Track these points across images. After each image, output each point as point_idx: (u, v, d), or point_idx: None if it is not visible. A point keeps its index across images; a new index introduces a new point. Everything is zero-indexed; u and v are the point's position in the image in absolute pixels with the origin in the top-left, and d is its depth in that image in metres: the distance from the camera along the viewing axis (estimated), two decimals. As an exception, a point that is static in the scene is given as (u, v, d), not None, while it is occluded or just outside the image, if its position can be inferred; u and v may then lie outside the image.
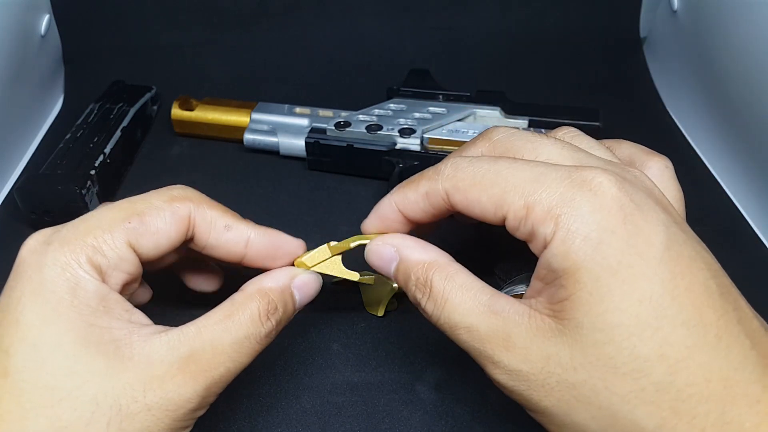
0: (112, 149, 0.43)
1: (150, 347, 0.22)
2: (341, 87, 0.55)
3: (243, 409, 0.30)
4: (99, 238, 0.23)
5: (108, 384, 0.21)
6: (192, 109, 0.48)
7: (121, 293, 0.24)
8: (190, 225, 0.26)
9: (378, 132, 0.44)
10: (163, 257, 0.27)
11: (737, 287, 0.22)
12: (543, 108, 0.46)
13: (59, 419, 0.21)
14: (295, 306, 0.27)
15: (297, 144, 0.45)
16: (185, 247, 0.28)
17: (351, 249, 0.29)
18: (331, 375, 0.32)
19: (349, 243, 0.28)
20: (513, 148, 0.25)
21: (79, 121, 0.45)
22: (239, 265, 0.29)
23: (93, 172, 0.40)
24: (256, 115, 0.47)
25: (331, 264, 0.29)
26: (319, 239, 0.30)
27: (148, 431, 0.22)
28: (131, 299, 0.25)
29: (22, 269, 0.23)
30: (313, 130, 0.45)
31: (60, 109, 0.53)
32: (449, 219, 0.27)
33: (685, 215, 0.29)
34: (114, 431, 0.21)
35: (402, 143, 0.43)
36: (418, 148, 0.43)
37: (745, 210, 0.43)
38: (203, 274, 0.32)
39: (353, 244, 0.28)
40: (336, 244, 0.29)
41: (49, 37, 0.52)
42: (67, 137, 0.43)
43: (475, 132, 0.44)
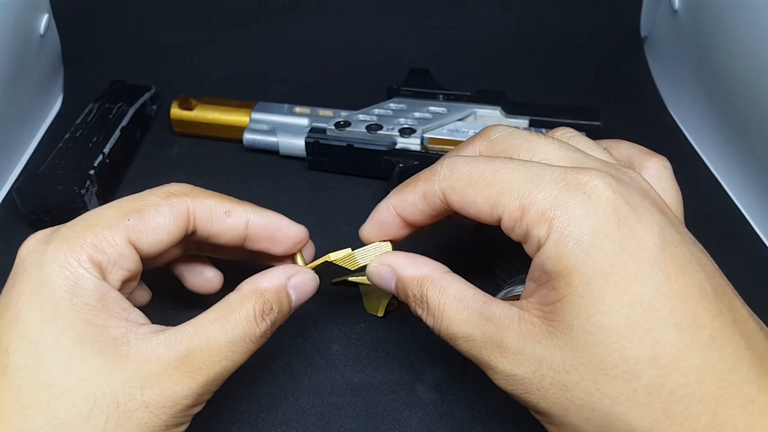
0: (111, 149, 0.43)
1: (147, 346, 0.22)
2: (341, 87, 0.55)
3: (243, 410, 0.30)
4: (99, 235, 0.24)
5: (105, 381, 0.21)
6: (191, 109, 0.48)
7: (121, 290, 0.24)
8: (189, 219, 0.26)
9: (378, 132, 0.43)
10: (163, 253, 0.27)
11: (738, 287, 0.22)
12: (543, 107, 0.45)
13: (56, 416, 0.21)
14: (291, 305, 0.27)
15: (297, 144, 0.45)
16: (186, 243, 0.28)
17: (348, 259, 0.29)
18: (331, 375, 0.32)
19: (345, 259, 0.29)
20: (510, 147, 0.25)
21: (78, 121, 0.45)
22: (242, 254, 0.29)
23: (92, 172, 0.40)
24: (255, 115, 0.47)
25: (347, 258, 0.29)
26: (319, 239, 0.30)
27: (145, 428, 0.22)
28: (130, 299, 0.25)
29: (22, 268, 0.23)
30: (313, 129, 0.45)
31: (59, 109, 0.53)
32: (448, 221, 0.28)
33: (684, 215, 0.29)
34: (111, 428, 0.21)
35: (402, 143, 0.43)
36: (418, 147, 0.43)
37: (746, 210, 0.43)
38: (202, 276, 0.32)
39: (341, 259, 0.29)
40: (336, 258, 0.29)
41: (48, 37, 0.51)
42: (66, 137, 0.43)
43: (475, 131, 0.43)
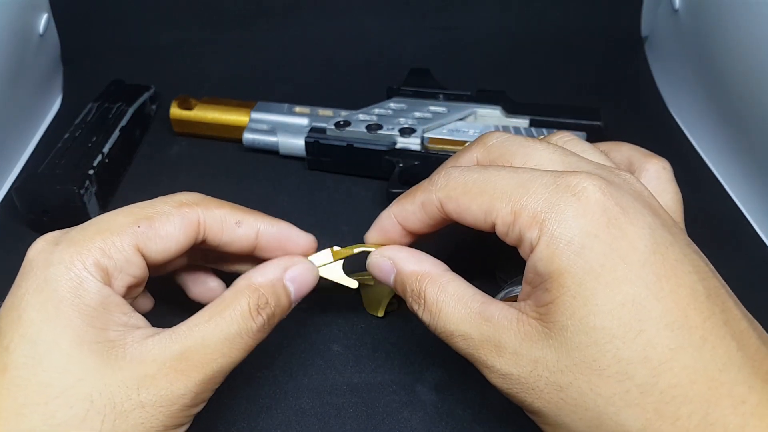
0: (110, 149, 0.43)
1: (143, 347, 0.23)
2: (341, 86, 0.55)
3: (243, 411, 0.30)
4: (107, 240, 0.24)
5: (102, 382, 0.22)
6: (191, 109, 0.48)
7: (125, 296, 0.24)
8: (199, 229, 0.26)
9: (378, 131, 0.43)
10: (170, 262, 0.27)
11: (739, 288, 0.22)
12: (544, 107, 0.45)
13: (54, 416, 0.21)
14: (291, 298, 0.27)
15: (297, 143, 0.45)
16: (192, 253, 0.29)
17: (353, 255, 0.29)
18: (331, 376, 0.32)
19: (352, 249, 0.29)
20: (507, 152, 0.26)
21: (78, 121, 0.45)
22: (246, 265, 0.29)
23: (91, 171, 0.40)
24: (255, 115, 0.47)
25: (332, 269, 0.29)
26: (319, 239, 0.30)
27: (142, 428, 0.22)
28: (133, 305, 0.25)
29: (29, 268, 0.23)
30: (313, 129, 0.45)
31: (58, 109, 0.53)
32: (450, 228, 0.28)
33: (685, 216, 0.29)
34: (108, 428, 0.21)
35: (402, 143, 0.43)
36: (418, 147, 0.43)
37: (747, 210, 0.43)
38: (205, 285, 0.32)
39: (356, 250, 0.29)
40: (339, 249, 0.29)
41: (48, 37, 0.51)
42: (66, 137, 0.43)
43: (476, 131, 0.44)
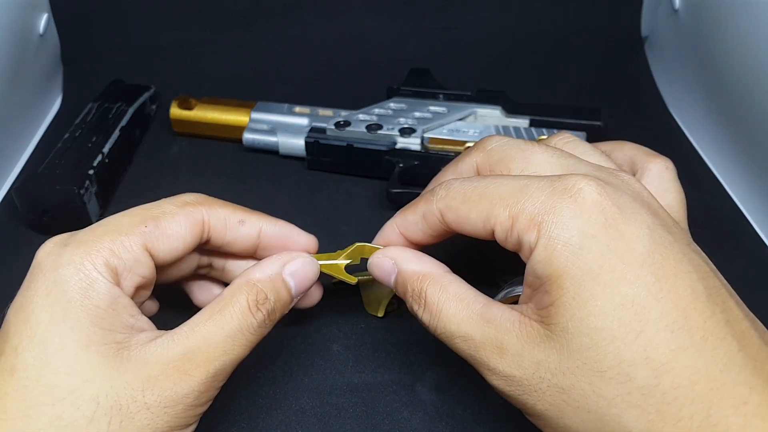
0: (110, 149, 0.43)
1: (147, 350, 0.23)
2: (341, 86, 0.55)
3: (243, 411, 0.30)
4: (116, 240, 0.24)
5: (108, 384, 0.22)
6: (191, 109, 0.48)
7: (133, 298, 0.25)
8: (204, 228, 0.27)
9: (378, 131, 0.43)
10: (177, 264, 0.28)
11: (740, 288, 0.22)
12: (544, 107, 0.45)
13: (61, 418, 0.21)
14: (292, 293, 0.27)
15: (297, 143, 0.45)
16: (197, 262, 0.30)
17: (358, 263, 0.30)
18: (331, 376, 0.32)
19: (358, 257, 0.30)
20: (506, 157, 0.26)
21: (78, 121, 0.45)
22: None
23: (91, 171, 0.40)
24: (255, 115, 0.47)
25: (334, 266, 0.30)
26: (319, 239, 0.30)
27: (148, 429, 0.22)
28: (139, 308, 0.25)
29: (38, 269, 0.23)
30: (313, 129, 0.45)
31: (58, 109, 0.53)
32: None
33: (687, 216, 0.29)
34: (114, 430, 0.21)
35: (402, 143, 0.43)
36: (418, 147, 0.43)
37: (747, 211, 0.43)
38: (211, 292, 0.32)
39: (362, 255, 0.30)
40: (348, 253, 0.30)
41: (48, 37, 0.51)
42: (66, 137, 0.43)
43: (476, 131, 0.43)
